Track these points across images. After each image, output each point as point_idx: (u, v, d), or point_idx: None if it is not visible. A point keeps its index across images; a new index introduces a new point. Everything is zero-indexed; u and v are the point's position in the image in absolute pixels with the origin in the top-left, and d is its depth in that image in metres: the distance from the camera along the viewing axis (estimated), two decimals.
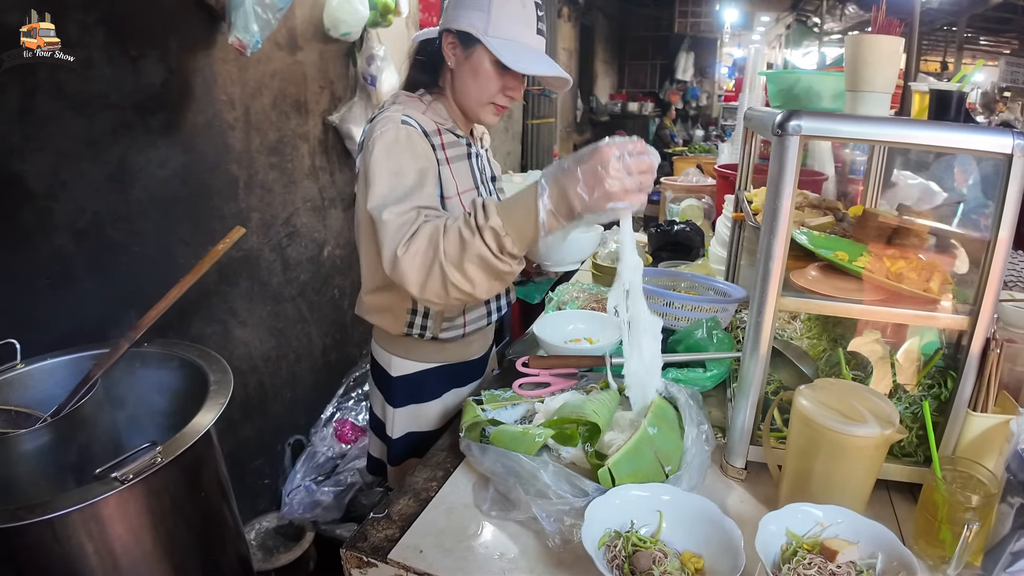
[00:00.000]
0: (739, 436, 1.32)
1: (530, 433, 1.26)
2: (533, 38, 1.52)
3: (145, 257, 2.13)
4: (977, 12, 7.61)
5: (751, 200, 1.68)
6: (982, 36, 10.03)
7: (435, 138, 1.56)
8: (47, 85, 1.81)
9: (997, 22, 8.70)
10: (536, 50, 1.54)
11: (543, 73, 1.52)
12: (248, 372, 2.67)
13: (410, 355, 1.74)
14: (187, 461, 1.41)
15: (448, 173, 1.58)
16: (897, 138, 1.19)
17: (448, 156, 1.59)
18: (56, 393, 1.65)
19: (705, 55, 12.84)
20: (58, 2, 1.77)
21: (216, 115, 2.35)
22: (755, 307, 1.23)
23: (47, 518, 1.18)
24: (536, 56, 1.53)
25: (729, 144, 3.81)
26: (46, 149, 1.84)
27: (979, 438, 1.21)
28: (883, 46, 1.36)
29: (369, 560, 1.13)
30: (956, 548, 1.05)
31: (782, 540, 1.06)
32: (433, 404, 1.79)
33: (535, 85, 6.17)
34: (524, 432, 1.27)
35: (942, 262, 1.31)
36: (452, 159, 1.60)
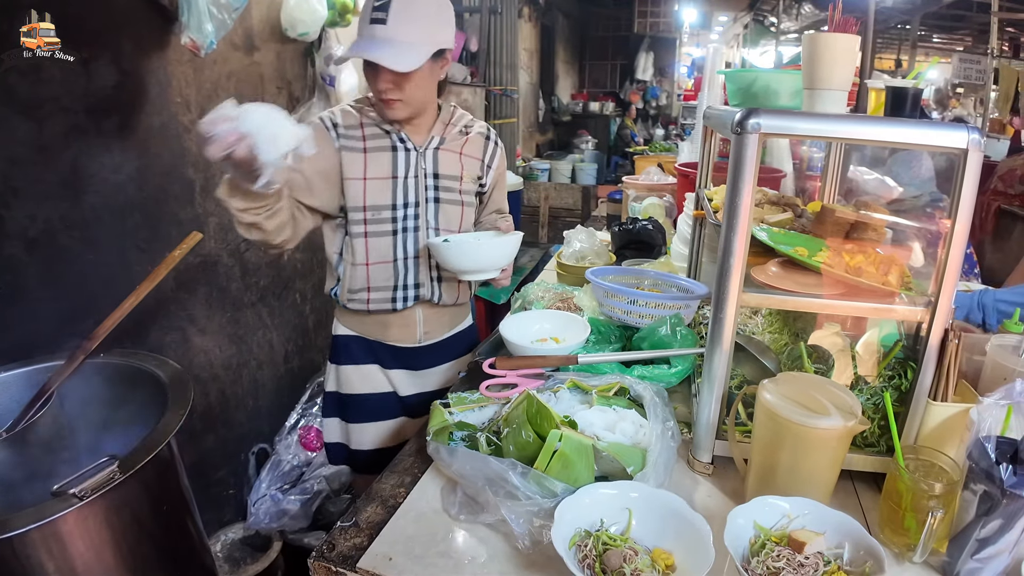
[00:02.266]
0: (705, 431, 1.33)
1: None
2: (366, 29, 1.64)
3: (100, 265, 2.07)
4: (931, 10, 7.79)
5: (711, 198, 1.69)
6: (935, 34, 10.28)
7: (351, 130, 1.81)
8: None
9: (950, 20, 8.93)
10: (368, 37, 1.64)
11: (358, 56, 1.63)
12: (209, 381, 2.62)
13: (341, 319, 2.05)
14: (147, 474, 1.37)
15: (354, 157, 1.80)
16: (855, 135, 1.20)
17: (366, 146, 1.80)
18: (10, 407, 1.60)
19: (664, 55, 12.95)
20: (8, 2, 1.72)
21: (171, 118, 2.30)
22: (717, 303, 1.24)
23: (5, 537, 1.14)
24: (365, 44, 1.64)
25: (689, 143, 3.84)
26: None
27: (940, 427, 1.23)
28: (839, 44, 1.38)
29: (338, 570, 1.11)
30: (921, 535, 1.08)
31: (750, 533, 1.07)
32: (352, 368, 2.05)
33: (496, 85, 6.16)
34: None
35: (900, 255, 1.33)
36: (369, 149, 1.81)
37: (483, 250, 1.78)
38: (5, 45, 1.72)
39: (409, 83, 1.68)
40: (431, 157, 1.86)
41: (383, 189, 1.83)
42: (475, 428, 1.37)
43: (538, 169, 8.60)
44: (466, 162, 1.92)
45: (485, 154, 1.97)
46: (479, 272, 1.78)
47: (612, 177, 10.01)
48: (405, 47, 1.62)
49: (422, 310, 2.00)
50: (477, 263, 1.77)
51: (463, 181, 1.91)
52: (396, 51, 1.61)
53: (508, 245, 1.81)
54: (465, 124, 1.95)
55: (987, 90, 5.97)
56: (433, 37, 1.68)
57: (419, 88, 1.72)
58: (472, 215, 1.97)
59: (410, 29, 1.63)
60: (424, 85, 1.73)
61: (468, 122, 1.96)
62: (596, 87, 12.76)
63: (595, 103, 11.66)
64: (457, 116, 1.94)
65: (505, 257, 1.82)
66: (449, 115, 1.92)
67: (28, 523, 1.16)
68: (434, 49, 1.68)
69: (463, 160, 1.91)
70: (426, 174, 1.86)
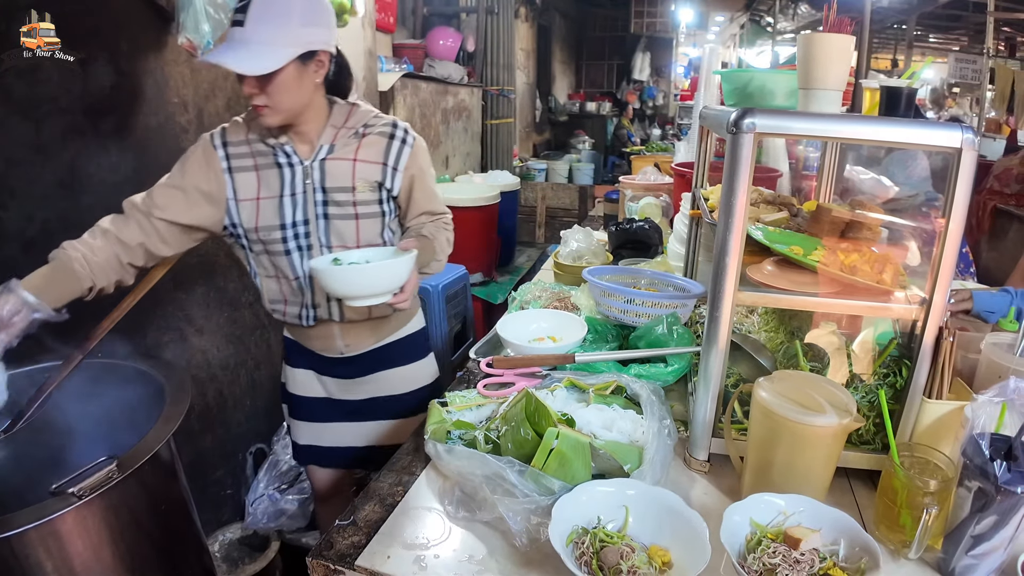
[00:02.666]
0: (701, 429, 1.34)
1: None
2: (228, 32, 1.56)
3: None
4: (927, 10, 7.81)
5: (707, 197, 1.70)
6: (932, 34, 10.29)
7: (239, 147, 1.73)
8: None
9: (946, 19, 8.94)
10: (228, 40, 1.55)
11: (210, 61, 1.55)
12: (206, 381, 2.62)
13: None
14: (145, 474, 1.37)
15: (246, 178, 1.72)
16: (849, 134, 1.21)
17: (257, 163, 1.73)
18: (9, 407, 1.61)
19: (661, 55, 12.98)
20: (8, 2, 1.73)
21: (168, 118, 2.30)
22: (713, 302, 1.25)
23: (5, 536, 1.14)
24: (222, 47, 1.55)
25: (685, 143, 3.85)
26: None
27: (935, 424, 1.24)
28: (834, 44, 1.39)
29: (336, 568, 1.11)
30: (916, 532, 1.08)
31: (747, 530, 1.07)
32: (291, 370, 2.06)
33: (493, 85, 6.17)
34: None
35: (895, 254, 1.34)
36: (260, 167, 1.73)
37: (360, 276, 1.57)
38: (5, 45, 1.72)
39: (273, 87, 1.56)
40: (318, 169, 1.73)
41: (272, 208, 1.73)
42: (473, 427, 1.37)
43: (535, 169, 8.61)
44: (360, 169, 1.75)
45: (388, 156, 1.77)
46: (362, 298, 1.57)
47: (609, 177, 10.03)
48: (262, 49, 1.52)
49: (336, 325, 1.88)
50: (356, 289, 1.57)
51: (356, 192, 1.74)
52: (250, 53, 1.51)
53: (390, 269, 1.59)
54: (365, 124, 1.77)
55: (983, 90, 5.99)
56: (296, 38, 1.55)
57: (286, 92, 1.59)
58: (375, 226, 1.79)
59: (267, 29, 1.52)
60: (292, 89, 1.60)
61: (369, 121, 1.78)
62: (593, 87, 12.79)
63: (592, 103, 11.68)
64: (356, 116, 1.78)
65: (391, 281, 1.59)
66: (343, 117, 1.76)
67: (27, 522, 1.16)
68: (298, 51, 1.56)
69: (356, 167, 1.74)
70: (314, 189, 1.73)
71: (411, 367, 2.05)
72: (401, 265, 1.58)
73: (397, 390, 2.03)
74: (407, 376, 2.04)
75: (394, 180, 1.78)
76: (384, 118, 1.81)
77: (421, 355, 2.09)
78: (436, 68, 5.04)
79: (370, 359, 1.98)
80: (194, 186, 1.71)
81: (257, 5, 1.51)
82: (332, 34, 1.66)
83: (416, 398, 2.04)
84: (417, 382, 2.07)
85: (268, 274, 1.83)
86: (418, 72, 4.68)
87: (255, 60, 1.51)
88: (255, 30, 1.51)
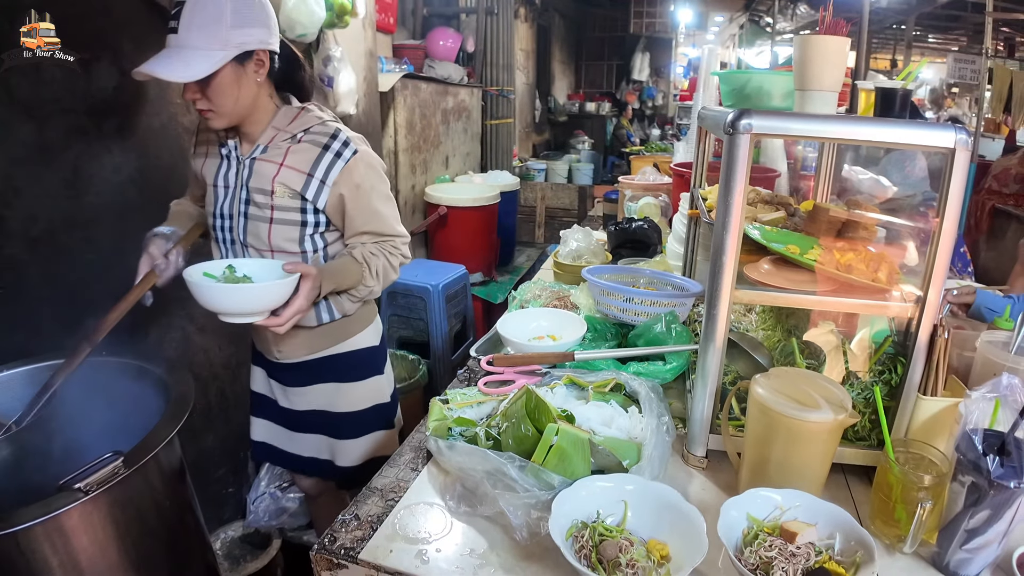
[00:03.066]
0: (699, 426, 1.36)
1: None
2: (167, 38, 1.54)
3: (101, 265, 2.09)
4: (925, 10, 7.83)
5: (705, 197, 1.71)
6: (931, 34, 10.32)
7: (206, 134, 1.83)
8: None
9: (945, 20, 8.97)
10: (165, 48, 1.54)
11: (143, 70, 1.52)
12: (209, 380, 2.64)
13: None
14: (151, 470, 1.40)
15: (200, 161, 1.84)
16: (844, 135, 1.23)
17: (208, 151, 1.82)
18: (12, 405, 1.62)
19: (660, 55, 12.99)
20: (9, 3, 1.74)
21: (171, 118, 2.32)
22: (710, 300, 1.26)
23: (12, 531, 1.16)
24: (158, 56, 1.53)
25: (684, 143, 3.87)
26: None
27: (930, 421, 1.26)
28: (829, 46, 1.40)
29: (339, 562, 1.13)
30: (911, 527, 1.10)
31: (743, 524, 1.09)
32: (251, 363, 2.10)
33: (493, 86, 6.19)
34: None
35: (892, 254, 1.35)
36: (209, 154, 1.82)
37: (222, 294, 1.55)
38: (6, 45, 1.74)
39: (212, 91, 1.56)
40: (247, 167, 1.73)
41: (210, 195, 1.81)
42: (473, 423, 1.39)
43: (534, 169, 8.62)
44: (284, 174, 1.69)
45: (316, 167, 1.69)
46: (228, 315, 1.55)
47: (608, 177, 10.03)
48: (194, 54, 1.50)
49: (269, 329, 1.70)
50: (218, 305, 1.54)
51: (274, 196, 1.70)
52: (182, 60, 1.50)
53: (256, 291, 1.56)
54: (305, 129, 1.72)
55: (982, 90, 6.00)
56: (227, 40, 1.53)
57: (226, 95, 1.58)
58: (291, 232, 1.74)
59: (199, 35, 1.50)
60: (231, 91, 1.59)
61: (313, 127, 1.73)
62: (592, 87, 12.79)
63: (591, 103, 11.69)
64: (299, 121, 1.73)
65: (258, 303, 1.56)
66: (288, 119, 1.73)
67: (34, 517, 1.18)
68: (232, 52, 1.54)
69: (280, 172, 1.69)
70: (241, 185, 1.74)
71: (352, 385, 1.97)
72: (273, 288, 1.55)
73: (334, 407, 1.96)
74: (346, 394, 1.96)
75: (319, 193, 1.71)
76: (328, 126, 1.74)
77: (366, 374, 1.99)
78: (436, 68, 5.05)
79: (307, 369, 1.93)
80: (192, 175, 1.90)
81: (188, 10, 1.50)
82: (270, 32, 1.64)
83: (355, 420, 1.98)
84: (358, 403, 1.98)
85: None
86: (418, 73, 4.69)
87: (186, 67, 1.50)
88: (187, 36, 1.50)
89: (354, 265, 1.72)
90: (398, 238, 1.83)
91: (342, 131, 1.74)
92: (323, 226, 1.78)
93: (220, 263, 1.67)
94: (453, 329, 3.70)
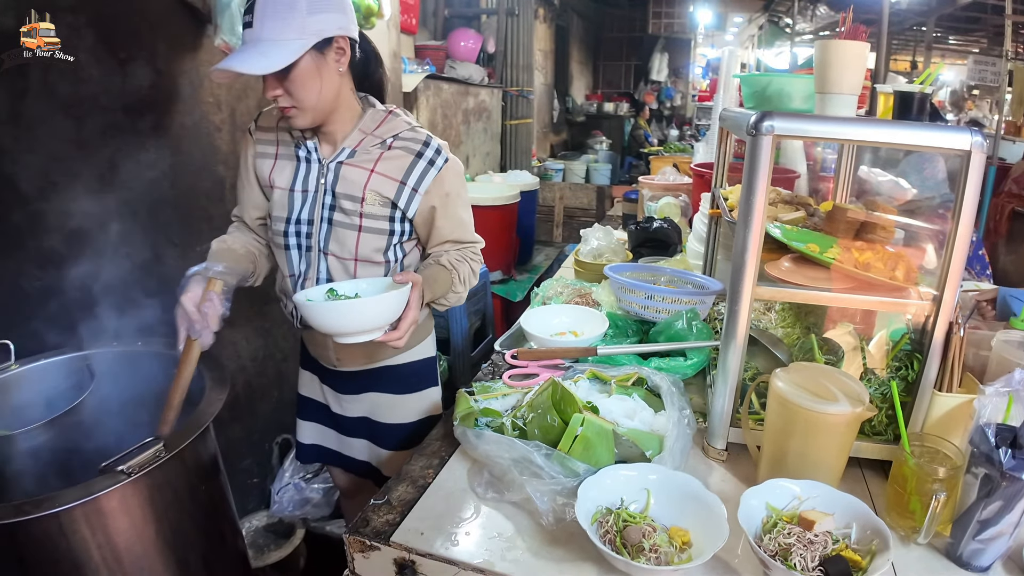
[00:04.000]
0: (719, 419, 1.39)
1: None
2: (243, 34, 1.49)
3: (134, 258, 2.15)
4: (946, 12, 7.79)
5: (727, 197, 1.74)
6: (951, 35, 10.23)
7: (266, 134, 1.73)
8: (38, 87, 1.84)
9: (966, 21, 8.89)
10: (242, 44, 1.49)
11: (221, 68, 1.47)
12: (236, 372, 2.70)
13: None
14: (189, 456, 1.44)
15: (265, 164, 1.72)
16: (863, 137, 1.26)
17: (278, 152, 1.71)
18: (50, 394, 1.68)
19: (679, 56, 12.98)
20: (48, 3, 1.80)
21: (203, 117, 2.38)
22: (732, 296, 1.30)
23: (54, 512, 1.20)
24: (235, 53, 1.48)
25: (704, 144, 3.88)
26: (37, 151, 1.86)
27: (945, 417, 1.28)
28: (850, 51, 1.43)
29: (372, 544, 1.18)
30: (926, 518, 1.13)
31: (763, 513, 1.13)
32: (300, 367, 2.06)
33: (513, 86, 6.22)
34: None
35: (909, 254, 1.38)
36: (280, 155, 1.71)
37: (343, 313, 1.46)
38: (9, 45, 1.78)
39: (293, 84, 1.48)
40: (333, 171, 1.65)
41: (283, 200, 1.68)
42: (499, 414, 1.43)
43: (552, 169, 8.65)
44: (375, 181, 1.63)
45: (409, 175, 1.64)
46: (348, 335, 1.47)
47: (626, 178, 10.04)
48: (271, 46, 1.44)
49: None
50: (338, 326, 1.46)
51: (365, 203, 1.63)
52: (260, 52, 1.44)
53: (379, 305, 1.47)
54: (395, 135, 1.65)
55: (1002, 92, 5.97)
56: (305, 27, 1.45)
57: (306, 88, 1.50)
58: (378, 242, 1.68)
59: (275, 25, 1.44)
60: (312, 84, 1.51)
61: (402, 132, 1.66)
62: (610, 88, 12.80)
63: (609, 104, 11.70)
64: (387, 125, 1.66)
65: (379, 318, 1.48)
66: (376, 122, 1.66)
67: (77, 498, 1.22)
68: (311, 40, 1.46)
69: (371, 179, 1.63)
70: (324, 190, 1.65)
71: (407, 397, 1.90)
72: (391, 300, 1.46)
73: (386, 418, 1.91)
74: (401, 405, 1.90)
75: (411, 202, 1.65)
76: (419, 133, 1.68)
77: (422, 386, 1.93)
78: (457, 69, 5.10)
79: (364, 378, 1.87)
80: (246, 175, 1.77)
81: (261, 2, 1.44)
82: (348, 17, 1.55)
83: (405, 431, 1.91)
84: (410, 415, 1.91)
85: (275, 265, 1.82)
86: (440, 73, 4.74)
87: (264, 58, 1.43)
88: (262, 28, 1.44)
89: (444, 273, 1.68)
90: (476, 244, 1.81)
91: (433, 138, 1.69)
92: (407, 235, 1.73)
93: (319, 289, 1.59)
94: (473, 326, 3.74)
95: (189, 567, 1.51)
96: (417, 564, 1.15)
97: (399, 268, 1.74)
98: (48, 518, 1.21)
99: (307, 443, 2.08)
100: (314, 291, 1.59)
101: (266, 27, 1.43)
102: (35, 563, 1.28)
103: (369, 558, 1.19)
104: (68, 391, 1.69)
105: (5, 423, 1.59)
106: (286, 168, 1.69)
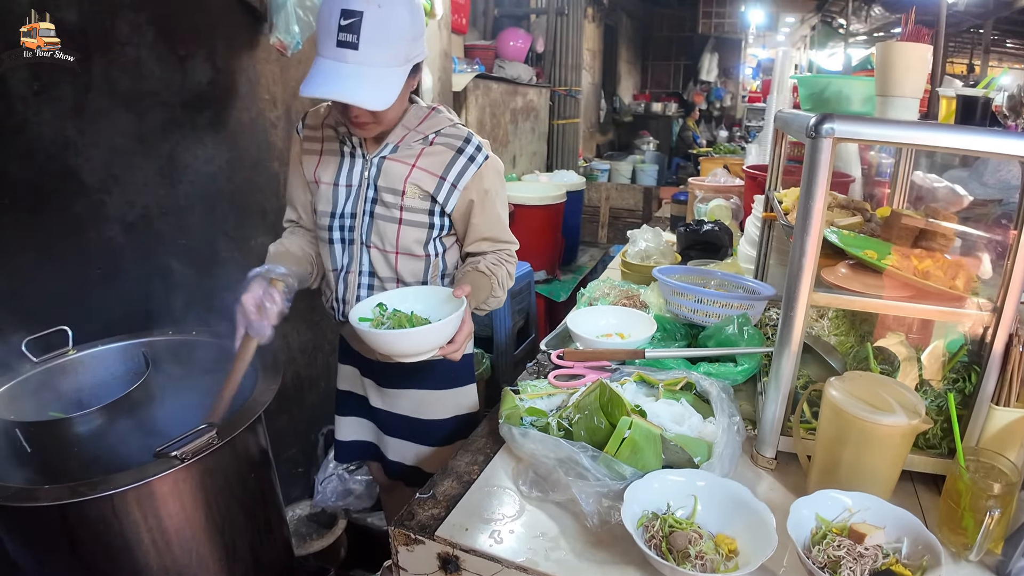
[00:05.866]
0: (770, 427, 1.37)
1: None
2: (332, 51, 1.42)
3: (191, 249, 2.21)
4: (1003, 15, 7.56)
5: (781, 200, 1.72)
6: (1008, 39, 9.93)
7: (313, 131, 1.76)
8: (100, 83, 1.89)
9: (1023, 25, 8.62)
10: (335, 62, 1.42)
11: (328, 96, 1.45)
12: (285, 363, 2.74)
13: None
14: (240, 444, 1.47)
15: (311, 160, 1.75)
16: (926, 141, 1.22)
17: (323, 148, 1.74)
18: (107, 379, 1.73)
19: (729, 56, 12.81)
20: (110, 1, 1.85)
21: (259, 114, 2.43)
22: (787, 302, 1.28)
23: (108, 494, 1.24)
24: (331, 75, 1.42)
25: (756, 145, 3.83)
26: (100, 144, 1.92)
27: (1002, 431, 1.25)
28: (912, 53, 1.40)
29: (417, 537, 1.19)
30: (978, 534, 1.10)
31: (812, 524, 1.11)
32: (339, 363, 2.09)
33: (561, 86, 6.21)
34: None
35: (968, 263, 1.35)
36: (325, 151, 1.73)
37: (404, 340, 1.48)
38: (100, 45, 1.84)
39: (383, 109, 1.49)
40: (376, 165, 1.67)
41: (327, 195, 1.72)
42: (544, 414, 1.44)
43: (598, 169, 8.60)
44: (416, 175, 1.65)
45: (449, 170, 1.65)
46: (409, 357, 1.50)
47: (673, 179, 9.93)
48: (380, 75, 1.44)
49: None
50: (401, 351, 1.49)
51: (405, 196, 1.66)
52: (373, 84, 1.42)
53: (438, 331, 1.48)
54: (437, 131, 1.68)
55: None
56: (408, 54, 1.48)
57: (393, 110, 1.54)
58: (419, 235, 1.71)
59: (384, 53, 1.43)
60: (398, 106, 1.54)
61: (444, 129, 1.69)
62: (659, 88, 12.69)
63: (657, 104, 11.59)
64: (430, 121, 1.68)
65: (439, 339, 1.49)
66: (418, 119, 1.68)
67: (131, 481, 1.25)
68: (409, 67, 1.50)
69: (412, 173, 1.65)
70: (367, 184, 1.68)
71: (446, 393, 1.92)
72: (452, 322, 1.48)
73: (425, 414, 1.91)
74: (440, 401, 1.92)
75: (449, 197, 1.67)
76: (460, 130, 1.70)
77: (461, 382, 1.94)
78: (506, 69, 5.11)
79: (406, 371, 1.82)
80: (297, 176, 1.81)
81: (371, 24, 1.39)
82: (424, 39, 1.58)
83: (445, 428, 1.93)
84: (448, 410, 1.93)
85: (322, 263, 1.84)
86: (489, 73, 4.76)
87: (379, 92, 1.43)
88: (370, 53, 1.41)
89: (484, 279, 1.69)
90: (511, 244, 1.80)
91: (474, 135, 1.71)
92: (446, 230, 1.75)
93: (366, 303, 1.62)
94: (516, 325, 3.75)
95: (236, 552, 1.55)
96: (461, 560, 1.16)
97: (440, 262, 1.78)
98: (102, 500, 1.25)
99: (345, 440, 2.10)
100: (362, 306, 1.61)
101: (374, 53, 1.41)
102: (87, 543, 1.33)
103: (413, 551, 1.20)
104: (124, 377, 1.75)
105: (62, 407, 1.65)
106: (331, 164, 1.72)
